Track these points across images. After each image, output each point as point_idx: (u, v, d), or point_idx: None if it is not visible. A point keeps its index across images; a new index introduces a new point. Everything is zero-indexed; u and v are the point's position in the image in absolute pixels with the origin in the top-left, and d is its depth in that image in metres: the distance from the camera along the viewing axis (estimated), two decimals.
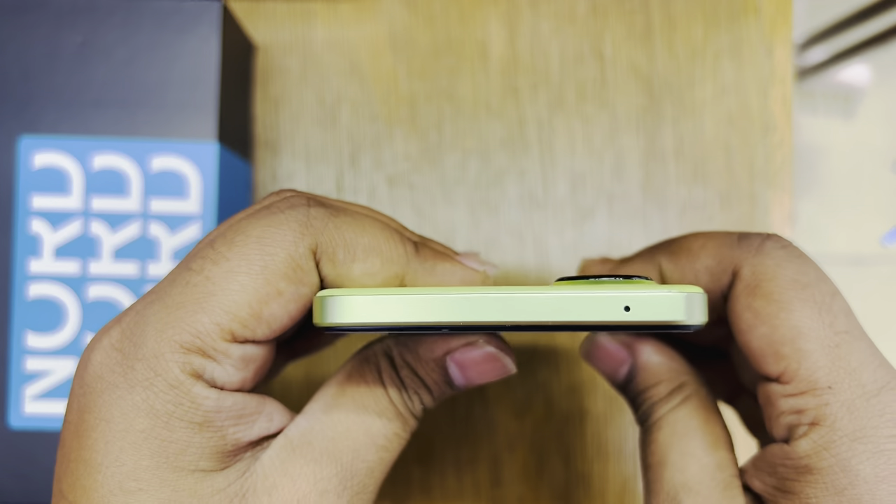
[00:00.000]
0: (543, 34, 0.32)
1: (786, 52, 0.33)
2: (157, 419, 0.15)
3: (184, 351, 0.15)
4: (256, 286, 0.16)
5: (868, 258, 1.11)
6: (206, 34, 0.26)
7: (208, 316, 0.15)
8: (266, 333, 0.16)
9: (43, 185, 0.26)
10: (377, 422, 0.17)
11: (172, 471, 0.15)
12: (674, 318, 0.14)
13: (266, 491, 0.16)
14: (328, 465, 0.16)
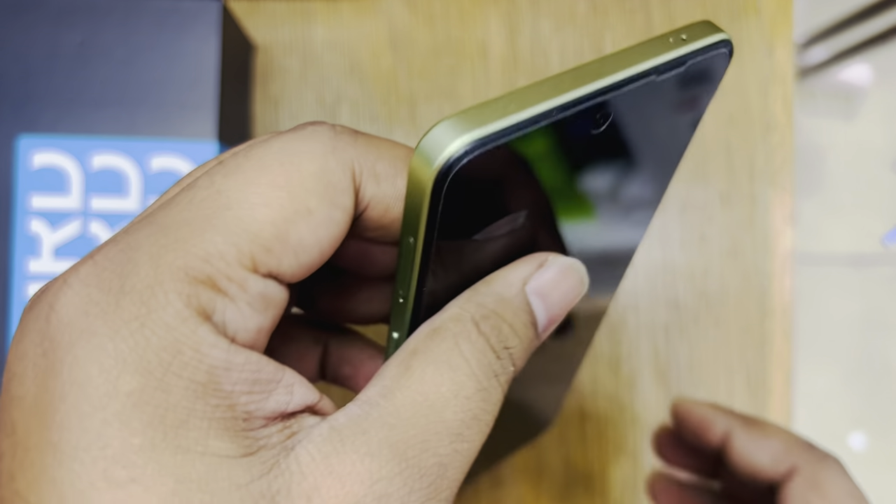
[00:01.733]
0: (543, 33, 0.32)
1: (786, 51, 0.32)
2: (149, 376, 0.11)
3: (189, 280, 0.11)
4: (281, 201, 0.12)
5: (869, 258, 1.11)
6: (205, 34, 0.26)
7: (222, 235, 0.12)
8: (292, 267, 0.12)
9: (42, 185, 0.26)
10: (453, 403, 0.13)
11: (173, 452, 0.11)
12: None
13: (304, 495, 0.11)
14: (389, 461, 0.12)
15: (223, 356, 0.12)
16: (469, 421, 0.13)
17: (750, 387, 0.32)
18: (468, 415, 0.13)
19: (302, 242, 0.12)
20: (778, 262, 0.32)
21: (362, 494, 0.12)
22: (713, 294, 0.32)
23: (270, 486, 0.11)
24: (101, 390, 0.11)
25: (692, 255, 0.32)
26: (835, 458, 0.21)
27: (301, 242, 0.12)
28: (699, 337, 0.32)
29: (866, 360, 1.10)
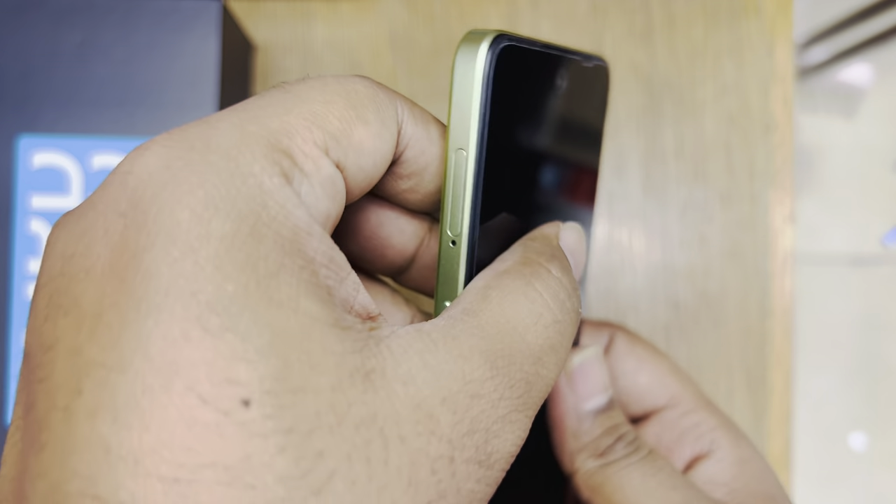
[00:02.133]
0: (544, 33, 0.32)
1: (786, 51, 0.32)
2: (241, 223, 0.10)
3: (271, 146, 0.11)
4: (344, 106, 0.13)
5: (868, 258, 1.11)
6: (205, 34, 0.26)
7: (299, 118, 0.12)
8: (354, 166, 0.13)
9: (42, 185, 0.26)
10: (533, 329, 0.13)
11: (267, 304, 0.10)
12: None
13: (400, 379, 0.11)
14: (482, 366, 0.12)
15: (306, 219, 0.11)
16: (548, 349, 0.13)
17: (750, 386, 0.32)
18: (547, 342, 0.13)
19: (362, 144, 0.13)
20: (778, 262, 0.32)
21: (456, 390, 0.11)
22: (713, 294, 0.32)
23: (364, 364, 0.11)
24: (193, 233, 0.10)
25: (692, 255, 0.32)
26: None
27: (361, 144, 0.13)
28: (699, 337, 0.32)
29: (866, 359, 1.10)
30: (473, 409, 0.12)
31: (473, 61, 0.14)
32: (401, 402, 0.11)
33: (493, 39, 0.14)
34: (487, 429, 0.12)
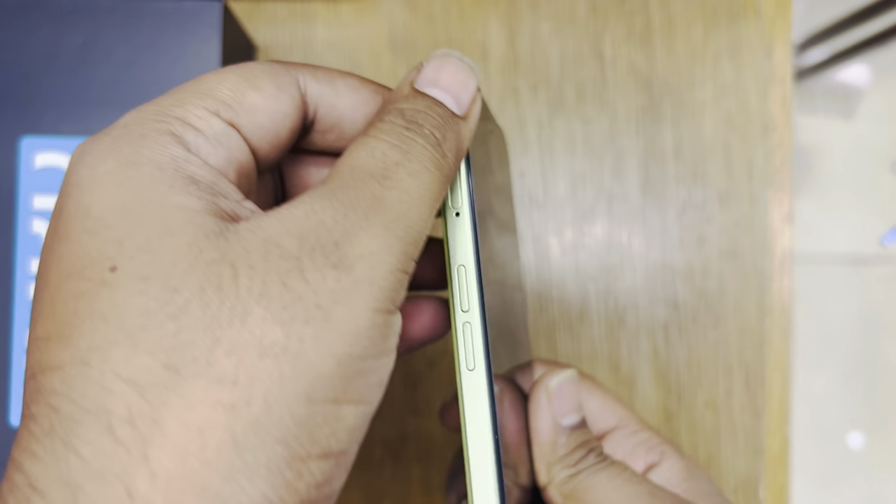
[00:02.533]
0: (543, 35, 0.32)
1: (785, 52, 0.33)
2: (123, 160, 0.14)
3: (160, 115, 0.14)
4: (236, 78, 0.15)
5: (867, 258, 1.11)
6: (206, 35, 0.26)
7: (189, 93, 0.15)
8: (248, 125, 0.15)
9: (44, 186, 0.26)
10: (370, 160, 0.15)
11: (140, 202, 0.13)
12: None
13: (249, 228, 0.13)
14: (320, 201, 0.14)
15: (184, 153, 0.14)
16: (391, 165, 0.15)
17: (749, 386, 0.32)
18: (387, 160, 0.15)
19: (255, 107, 0.15)
20: (777, 262, 0.32)
21: (300, 223, 0.13)
22: (712, 294, 0.32)
23: (220, 227, 0.13)
24: (85, 176, 0.13)
25: (691, 255, 0.32)
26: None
27: (255, 107, 0.15)
28: (698, 336, 0.32)
29: (865, 359, 1.10)
30: (317, 230, 0.13)
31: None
32: (248, 242, 0.13)
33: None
34: (336, 241, 0.13)
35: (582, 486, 0.18)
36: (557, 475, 0.19)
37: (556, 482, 0.19)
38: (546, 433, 0.19)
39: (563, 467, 0.19)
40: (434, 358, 0.32)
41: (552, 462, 0.19)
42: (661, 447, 0.20)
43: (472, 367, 0.17)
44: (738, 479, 0.32)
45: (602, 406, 0.21)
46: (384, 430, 0.32)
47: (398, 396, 0.32)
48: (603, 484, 0.18)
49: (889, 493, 1.08)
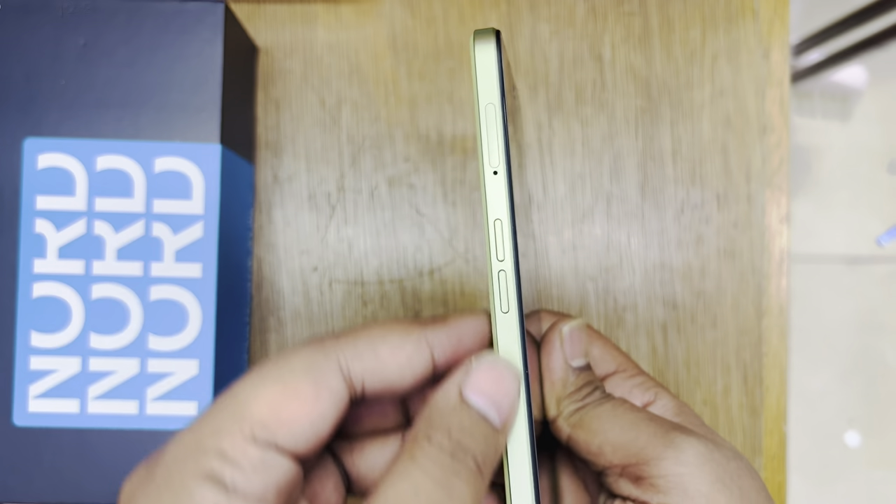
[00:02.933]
0: (543, 36, 0.33)
1: (783, 54, 0.33)
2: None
3: (202, 454, 0.15)
4: (275, 389, 0.16)
5: (864, 258, 1.12)
6: (208, 36, 0.26)
7: (229, 416, 0.16)
8: (289, 437, 0.16)
9: (47, 187, 0.26)
10: (413, 500, 0.16)
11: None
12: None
13: None
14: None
15: (223, 499, 0.15)
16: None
17: (747, 385, 0.32)
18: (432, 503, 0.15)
19: (294, 417, 0.16)
20: (774, 263, 0.33)
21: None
22: (710, 293, 0.32)
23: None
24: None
25: (689, 255, 0.33)
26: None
27: (294, 418, 0.16)
28: (696, 336, 0.32)
29: (862, 358, 1.11)
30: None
31: (490, 42, 0.19)
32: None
33: (496, 31, 0.19)
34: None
35: (588, 417, 0.20)
36: (566, 408, 0.21)
37: (564, 414, 0.21)
38: (558, 372, 0.21)
39: (572, 402, 0.21)
40: None
41: (562, 397, 0.21)
42: (655, 389, 0.23)
43: (506, 310, 0.18)
44: None
45: (603, 352, 0.23)
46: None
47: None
48: (607, 413, 0.20)
49: (886, 492, 1.08)
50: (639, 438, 0.19)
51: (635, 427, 0.20)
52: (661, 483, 0.18)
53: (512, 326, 0.18)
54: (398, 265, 0.32)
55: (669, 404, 0.22)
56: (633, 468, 0.19)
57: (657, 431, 0.19)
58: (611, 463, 0.20)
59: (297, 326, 0.32)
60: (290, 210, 0.32)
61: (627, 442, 0.19)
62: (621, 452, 0.19)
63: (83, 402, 0.26)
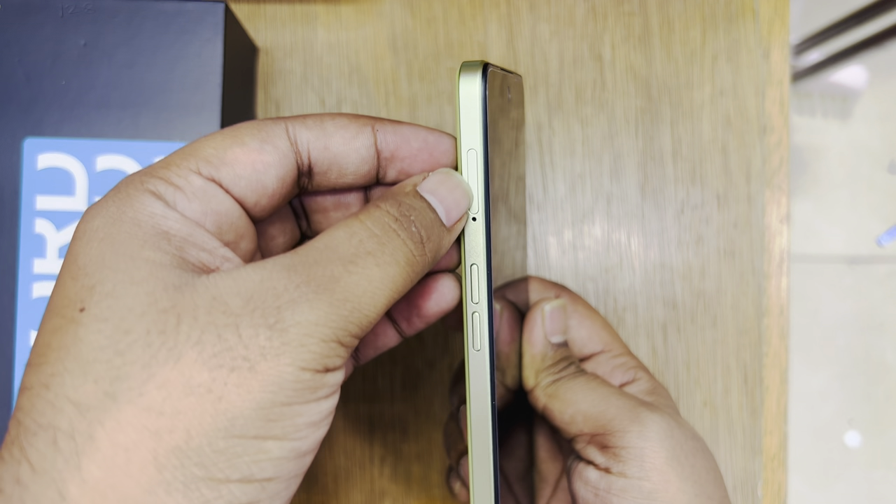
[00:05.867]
0: (543, 36, 0.33)
1: (783, 54, 0.33)
2: (108, 218, 0.16)
3: (145, 176, 0.16)
4: (222, 137, 0.17)
5: (864, 258, 1.12)
6: (209, 36, 0.26)
7: (177, 155, 0.17)
8: (230, 179, 0.17)
9: (47, 187, 0.26)
10: (346, 242, 0.17)
11: (115, 255, 0.15)
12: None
13: (203, 284, 0.15)
14: (279, 271, 0.16)
15: (162, 209, 0.16)
16: (363, 254, 0.16)
17: (747, 385, 0.32)
18: (361, 249, 0.16)
19: (236, 160, 0.17)
20: (774, 262, 0.33)
21: (251, 287, 0.15)
22: (710, 294, 0.32)
23: (181, 280, 0.15)
24: (80, 229, 0.16)
25: (689, 256, 0.33)
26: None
27: (235, 160, 0.17)
28: (696, 336, 0.32)
29: (862, 358, 1.11)
30: (264, 294, 0.15)
31: (475, 82, 0.19)
32: (199, 297, 0.15)
33: (483, 65, 0.19)
34: (279, 306, 0.15)
35: (563, 388, 0.22)
36: (543, 380, 0.23)
37: (542, 385, 0.23)
38: (538, 346, 0.23)
39: (549, 374, 0.23)
40: (434, 358, 0.32)
41: (540, 370, 0.23)
42: (635, 370, 0.25)
43: (478, 349, 0.20)
44: (736, 477, 0.32)
45: (591, 333, 0.25)
46: (384, 428, 0.32)
47: (398, 396, 0.32)
48: (581, 386, 0.22)
49: (886, 492, 1.08)
50: (608, 411, 0.21)
51: (606, 400, 0.21)
52: (622, 454, 0.20)
53: (483, 363, 0.20)
54: None
55: (645, 385, 0.24)
56: (600, 437, 0.21)
57: (626, 406, 0.21)
58: (581, 431, 0.21)
59: None
60: None
61: (598, 413, 0.21)
62: (591, 422, 0.21)
63: None
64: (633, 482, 0.20)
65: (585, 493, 0.21)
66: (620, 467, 0.20)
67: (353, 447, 0.32)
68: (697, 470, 0.20)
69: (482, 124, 0.19)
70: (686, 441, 0.21)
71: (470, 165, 0.19)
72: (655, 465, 0.20)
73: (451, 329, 0.26)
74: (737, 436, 0.32)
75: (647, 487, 0.20)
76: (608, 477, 0.20)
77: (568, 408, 0.22)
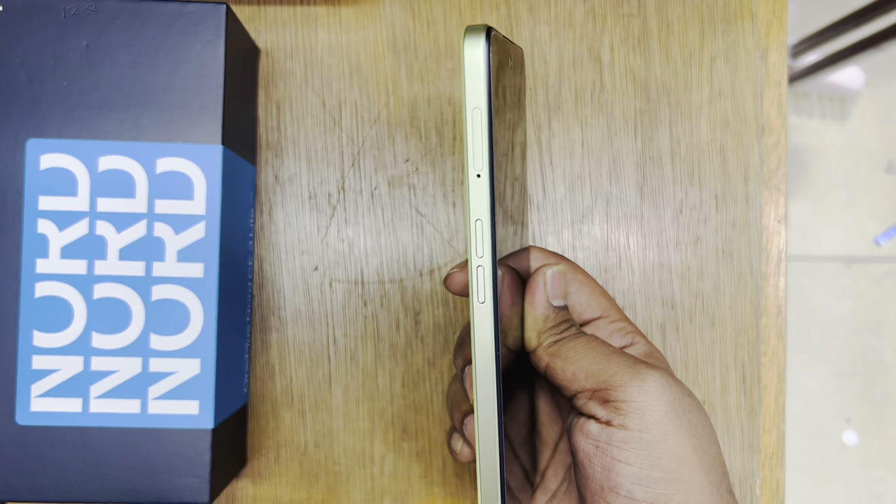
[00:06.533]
0: (542, 38, 0.33)
1: (780, 55, 0.33)
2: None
3: None
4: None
5: (862, 258, 1.12)
6: (210, 38, 0.27)
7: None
8: None
9: (50, 187, 0.26)
10: None
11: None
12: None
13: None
14: None
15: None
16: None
17: (745, 384, 0.33)
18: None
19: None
20: (772, 263, 0.33)
21: None
22: (708, 293, 0.33)
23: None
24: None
25: (688, 256, 0.33)
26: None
27: None
28: (695, 336, 0.33)
29: (859, 358, 1.11)
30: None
31: (480, 43, 0.19)
32: None
33: (486, 28, 0.20)
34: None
35: (565, 348, 0.23)
36: (546, 340, 0.24)
37: (544, 345, 0.24)
38: (540, 308, 0.24)
39: (551, 335, 0.24)
40: (434, 357, 0.32)
41: (542, 331, 0.24)
42: (632, 334, 0.26)
43: (482, 301, 0.20)
44: (734, 476, 0.33)
45: (590, 298, 0.26)
46: (385, 427, 0.32)
47: (398, 394, 0.32)
48: (582, 345, 0.23)
49: (883, 491, 1.09)
50: (609, 367, 0.22)
51: (607, 358, 0.22)
52: (623, 407, 0.21)
53: (487, 315, 0.21)
54: (398, 265, 0.32)
55: (642, 349, 0.25)
56: (601, 392, 0.22)
57: (626, 363, 0.22)
58: (582, 387, 0.22)
59: (297, 326, 0.32)
60: (290, 210, 0.32)
61: (599, 370, 0.22)
62: (593, 378, 0.22)
63: (85, 401, 0.26)
64: (634, 434, 0.21)
65: (586, 446, 0.22)
66: (621, 419, 0.21)
67: (354, 445, 0.32)
68: (694, 425, 0.21)
69: (486, 84, 0.19)
70: (683, 397, 0.22)
71: (475, 123, 0.20)
72: (655, 418, 0.21)
73: (457, 294, 0.27)
74: (735, 434, 0.33)
75: (647, 439, 0.21)
76: (609, 429, 0.21)
77: (570, 365, 0.23)
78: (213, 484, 0.26)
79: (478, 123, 0.20)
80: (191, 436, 0.26)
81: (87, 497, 0.26)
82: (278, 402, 0.32)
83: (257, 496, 0.32)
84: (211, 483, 0.26)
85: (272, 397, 0.32)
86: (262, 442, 0.32)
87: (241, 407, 0.31)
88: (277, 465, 0.32)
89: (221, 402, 0.27)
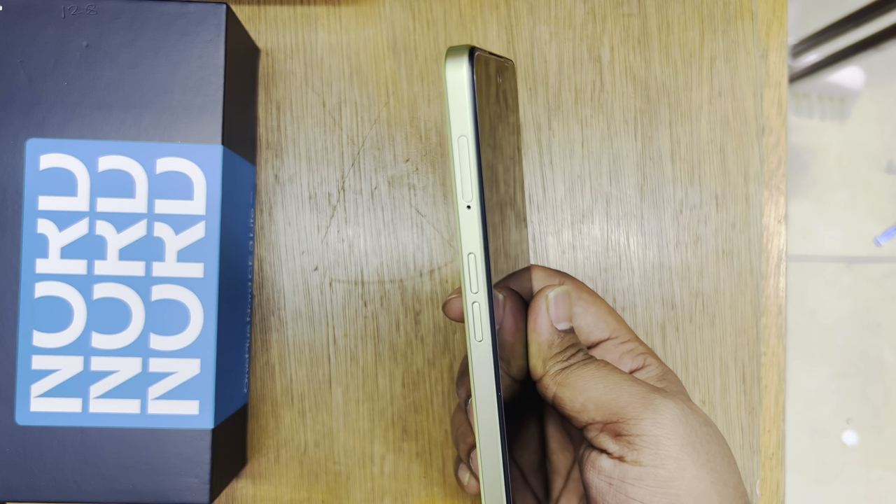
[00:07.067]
0: (542, 38, 0.33)
1: (780, 55, 0.33)
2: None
3: None
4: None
5: (862, 258, 1.12)
6: (210, 38, 0.27)
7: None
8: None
9: (50, 187, 0.26)
10: None
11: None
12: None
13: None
14: None
15: None
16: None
17: (745, 384, 0.33)
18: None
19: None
20: (772, 262, 0.33)
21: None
22: (708, 293, 0.33)
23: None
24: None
25: (688, 256, 0.33)
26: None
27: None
28: (695, 335, 0.33)
29: (859, 358, 1.11)
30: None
31: (462, 67, 0.18)
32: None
33: (469, 49, 0.18)
34: None
35: (573, 376, 0.22)
36: (552, 368, 0.22)
37: (550, 373, 0.22)
38: (545, 333, 0.23)
39: (557, 362, 0.22)
40: (434, 357, 0.32)
41: (548, 358, 0.23)
42: (644, 356, 0.24)
43: (479, 339, 0.19)
44: None
45: (597, 319, 0.25)
46: (384, 427, 0.32)
47: (398, 394, 0.32)
48: (591, 373, 0.22)
49: (883, 490, 1.09)
50: (620, 398, 0.21)
51: (617, 387, 0.21)
52: (637, 441, 0.20)
53: (486, 353, 0.19)
54: (398, 265, 0.32)
55: (656, 371, 0.24)
56: (613, 425, 0.20)
57: (638, 392, 0.21)
58: (593, 420, 0.21)
59: (298, 326, 0.32)
60: (291, 210, 0.32)
61: (610, 401, 0.21)
62: (603, 410, 0.21)
63: (85, 402, 0.26)
64: (649, 470, 0.20)
65: (599, 483, 0.20)
66: (635, 455, 0.20)
67: (354, 446, 0.32)
68: (713, 456, 0.20)
69: (471, 110, 0.18)
70: (700, 427, 0.20)
71: (461, 152, 0.19)
72: (671, 452, 0.20)
73: (456, 321, 0.26)
74: (735, 434, 0.33)
75: (663, 475, 0.19)
76: (622, 465, 0.20)
77: (579, 396, 0.21)
78: (213, 484, 0.26)
79: (465, 152, 0.18)
80: (191, 436, 0.26)
81: (87, 497, 0.26)
82: (278, 402, 0.32)
83: (257, 496, 0.32)
84: (211, 483, 0.26)
85: (272, 397, 0.32)
86: (262, 442, 0.32)
87: (241, 407, 0.31)
88: (277, 465, 0.32)
89: (221, 403, 0.27)
